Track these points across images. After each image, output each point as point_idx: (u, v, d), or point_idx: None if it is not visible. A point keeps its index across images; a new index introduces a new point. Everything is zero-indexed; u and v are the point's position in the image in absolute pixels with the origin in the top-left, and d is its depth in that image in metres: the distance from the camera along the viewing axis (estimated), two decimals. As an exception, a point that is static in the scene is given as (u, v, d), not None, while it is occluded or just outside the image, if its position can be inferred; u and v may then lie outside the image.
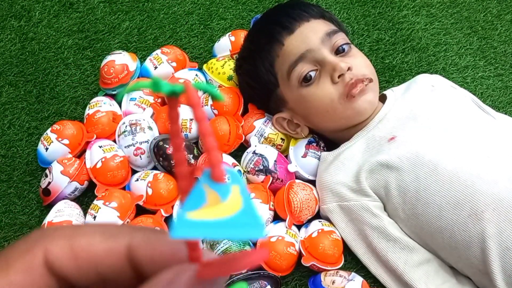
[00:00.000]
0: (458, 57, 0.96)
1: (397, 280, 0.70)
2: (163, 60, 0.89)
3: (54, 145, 0.80)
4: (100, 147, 0.80)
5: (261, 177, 0.78)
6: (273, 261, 0.71)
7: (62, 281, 0.19)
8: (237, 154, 0.83)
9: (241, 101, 0.85)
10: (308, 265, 0.72)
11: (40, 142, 0.82)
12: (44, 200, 0.79)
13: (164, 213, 0.75)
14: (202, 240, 0.74)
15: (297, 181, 0.78)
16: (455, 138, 0.70)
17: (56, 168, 0.77)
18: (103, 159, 0.78)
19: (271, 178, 0.77)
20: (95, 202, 0.74)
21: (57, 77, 0.94)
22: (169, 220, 0.77)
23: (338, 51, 0.75)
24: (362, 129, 0.77)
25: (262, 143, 0.81)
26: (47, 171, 0.78)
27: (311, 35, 0.75)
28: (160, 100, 0.88)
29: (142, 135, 0.80)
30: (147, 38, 0.99)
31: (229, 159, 0.80)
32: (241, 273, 0.71)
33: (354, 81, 0.72)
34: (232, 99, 0.84)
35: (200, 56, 0.97)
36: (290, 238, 0.72)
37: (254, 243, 0.73)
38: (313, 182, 0.79)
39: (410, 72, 0.94)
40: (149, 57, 0.91)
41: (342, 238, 0.74)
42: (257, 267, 0.71)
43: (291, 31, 0.76)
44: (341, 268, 0.73)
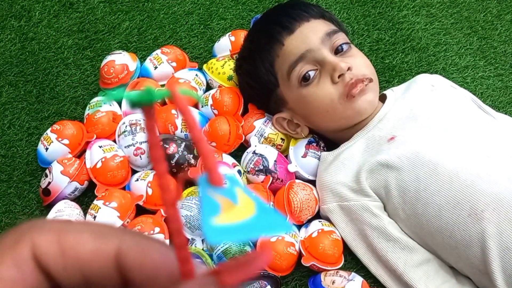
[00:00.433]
0: (458, 57, 0.96)
1: (397, 280, 0.70)
2: (163, 60, 0.89)
3: (54, 145, 0.80)
4: (100, 147, 0.80)
5: (261, 177, 0.78)
6: (273, 261, 0.71)
7: (50, 278, 0.19)
8: (237, 154, 0.83)
9: (241, 101, 0.85)
10: (308, 265, 0.72)
11: (40, 142, 0.82)
12: (44, 200, 0.79)
13: (164, 213, 0.75)
14: (202, 240, 0.74)
15: (297, 181, 0.78)
16: (455, 138, 0.70)
17: (56, 168, 0.77)
18: (103, 159, 0.78)
19: (271, 178, 0.77)
20: (95, 202, 0.74)
21: (57, 77, 0.94)
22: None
23: (338, 50, 0.75)
24: (362, 129, 0.77)
25: (262, 143, 0.81)
26: (47, 171, 0.78)
27: (311, 35, 0.75)
28: (160, 100, 0.87)
29: (142, 135, 0.80)
30: (147, 38, 0.99)
31: (229, 159, 0.80)
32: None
33: (354, 81, 0.72)
34: (232, 99, 0.84)
35: (200, 56, 0.97)
36: (290, 238, 0.72)
37: (254, 243, 0.73)
38: (313, 182, 0.79)
39: (410, 72, 0.94)
40: (149, 57, 0.91)
41: (342, 238, 0.74)
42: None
43: (291, 31, 0.76)
44: (341, 268, 0.73)
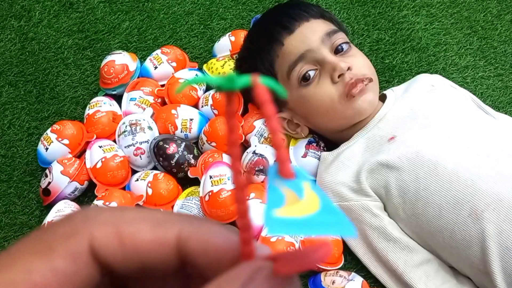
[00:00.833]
0: (458, 57, 0.96)
1: (397, 281, 0.70)
2: (163, 60, 0.89)
3: (54, 145, 0.80)
4: (100, 147, 0.80)
5: (261, 177, 0.78)
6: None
7: (105, 269, 0.18)
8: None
9: (241, 101, 0.85)
10: (308, 265, 0.71)
11: (40, 142, 0.82)
12: (44, 200, 0.79)
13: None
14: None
15: (297, 181, 0.78)
16: (455, 138, 0.70)
17: (56, 168, 0.77)
18: (103, 159, 0.78)
19: (271, 178, 0.77)
20: (95, 202, 0.74)
21: (57, 77, 0.94)
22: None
23: (338, 50, 0.75)
24: (362, 128, 0.77)
25: (262, 143, 0.81)
26: (47, 171, 0.78)
27: (310, 35, 0.75)
28: (160, 100, 0.88)
29: (142, 135, 0.80)
30: (147, 38, 0.99)
31: (229, 159, 0.79)
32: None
33: (354, 80, 0.72)
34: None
35: (200, 56, 0.97)
36: (290, 238, 0.72)
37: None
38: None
39: (410, 72, 0.94)
40: (149, 57, 0.91)
41: (342, 238, 0.74)
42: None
43: (291, 31, 0.76)
44: (341, 268, 0.73)
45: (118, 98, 0.89)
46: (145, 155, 0.80)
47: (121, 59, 0.87)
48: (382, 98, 0.81)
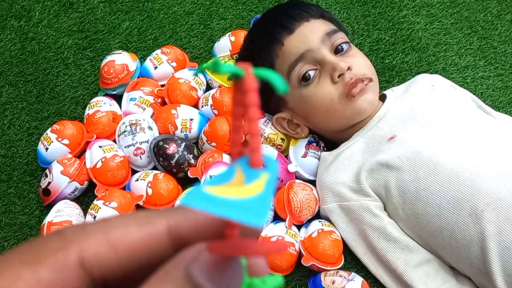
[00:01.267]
0: (458, 57, 0.96)
1: (397, 281, 0.70)
2: (163, 60, 0.89)
3: (54, 145, 0.80)
4: (100, 147, 0.80)
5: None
6: (273, 261, 0.71)
7: (99, 280, 0.19)
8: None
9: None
10: (308, 265, 0.72)
11: (40, 142, 0.82)
12: (44, 200, 0.79)
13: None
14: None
15: (297, 181, 0.78)
16: (455, 138, 0.70)
17: (56, 168, 0.77)
18: (103, 159, 0.78)
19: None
20: (95, 202, 0.74)
21: (57, 77, 0.94)
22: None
23: (338, 50, 0.75)
24: (362, 128, 0.77)
25: (262, 143, 0.81)
26: (47, 171, 0.78)
27: (310, 35, 0.75)
28: (160, 100, 0.88)
29: (142, 135, 0.80)
30: (147, 38, 0.99)
31: (229, 159, 0.79)
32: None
33: (354, 80, 0.72)
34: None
35: (200, 56, 0.97)
36: (290, 238, 0.72)
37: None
38: (313, 182, 0.79)
39: (410, 72, 0.94)
40: (149, 57, 0.91)
41: (342, 238, 0.74)
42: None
43: (291, 31, 0.76)
44: (341, 268, 0.73)
45: (118, 98, 0.89)
46: (145, 155, 0.80)
47: (121, 59, 0.87)
48: (382, 98, 0.81)
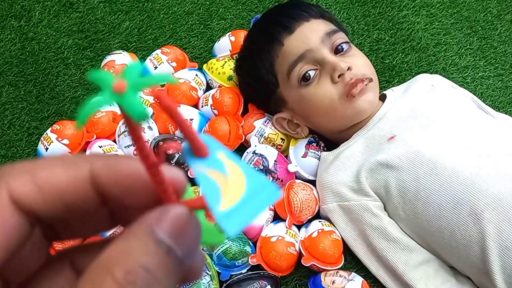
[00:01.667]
0: (458, 57, 0.96)
1: (397, 281, 0.70)
2: (163, 60, 0.89)
3: (54, 145, 0.80)
4: (100, 147, 0.80)
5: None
6: (273, 261, 0.71)
7: (31, 216, 0.19)
8: (237, 154, 0.83)
9: (241, 101, 0.85)
10: (308, 265, 0.72)
11: (40, 142, 0.82)
12: (44, 200, 0.79)
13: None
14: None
15: (297, 181, 0.78)
16: (455, 137, 0.70)
17: (56, 168, 0.77)
18: (103, 159, 0.78)
19: (271, 178, 0.77)
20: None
21: (57, 77, 0.94)
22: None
23: (338, 50, 0.75)
24: (362, 128, 0.77)
25: (262, 143, 0.81)
26: (47, 171, 0.78)
27: (310, 35, 0.75)
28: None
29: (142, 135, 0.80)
30: (147, 38, 0.99)
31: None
32: (241, 273, 0.71)
33: (354, 80, 0.72)
34: (232, 99, 0.84)
35: (200, 56, 0.97)
36: (290, 238, 0.72)
37: (254, 243, 0.73)
38: (313, 182, 0.79)
39: (410, 72, 0.94)
40: (149, 57, 0.91)
41: (342, 238, 0.74)
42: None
43: (291, 31, 0.76)
44: (341, 268, 0.73)
45: (118, 98, 0.89)
46: (145, 155, 0.80)
47: (121, 59, 0.87)
48: (382, 98, 0.81)
